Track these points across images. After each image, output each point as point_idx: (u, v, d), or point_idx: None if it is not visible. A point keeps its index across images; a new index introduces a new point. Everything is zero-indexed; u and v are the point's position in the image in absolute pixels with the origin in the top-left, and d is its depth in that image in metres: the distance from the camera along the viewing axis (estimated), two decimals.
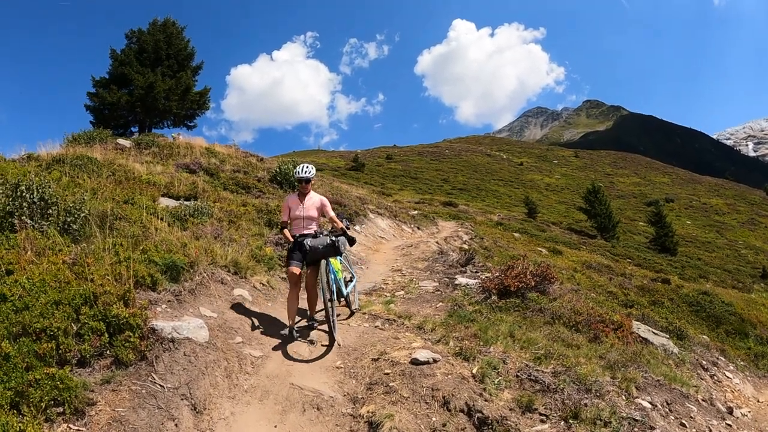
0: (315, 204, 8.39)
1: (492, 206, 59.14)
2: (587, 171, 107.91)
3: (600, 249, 37.70)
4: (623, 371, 7.25)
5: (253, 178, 18.67)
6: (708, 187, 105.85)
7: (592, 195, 53.76)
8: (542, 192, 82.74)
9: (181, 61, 37.40)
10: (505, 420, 5.59)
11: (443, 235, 23.88)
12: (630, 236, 56.60)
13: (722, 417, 8.09)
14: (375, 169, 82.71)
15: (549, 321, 9.13)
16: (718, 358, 12.12)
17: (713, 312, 18.87)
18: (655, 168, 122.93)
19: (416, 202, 41.85)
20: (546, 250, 26.58)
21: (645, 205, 77.20)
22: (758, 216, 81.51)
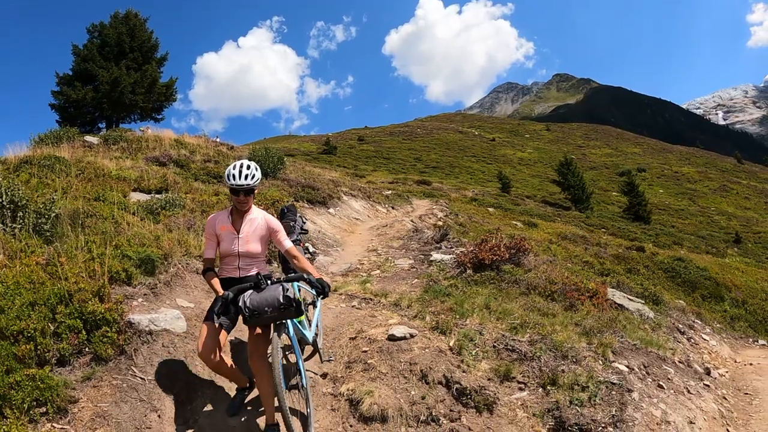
0: (259, 230, 5.38)
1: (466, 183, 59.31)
2: (559, 144, 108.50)
3: (575, 220, 38.03)
4: (599, 337, 7.33)
5: (224, 167, 18.48)
6: (679, 155, 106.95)
7: (564, 167, 54.14)
8: (515, 166, 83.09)
9: (145, 54, 36.93)
10: (484, 390, 5.64)
11: (418, 213, 23.94)
12: (604, 206, 57.13)
13: (700, 378, 8.21)
14: (347, 152, 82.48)
15: (524, 292, 9.20)
16: (694, 322, 12.28)
17: (688, 277, 19.11)
18: (626, 139, 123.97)
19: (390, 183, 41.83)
20: (521, 223, 26.74)
21: (618, 175, 77.83)
22: (729, 183, 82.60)
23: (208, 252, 5.35)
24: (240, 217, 5.34)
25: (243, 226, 5.30)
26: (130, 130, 26.12)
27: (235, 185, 5.12)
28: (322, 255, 12.57)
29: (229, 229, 5.29)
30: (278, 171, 19.39)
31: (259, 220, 5.37)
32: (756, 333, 15.33)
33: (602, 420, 5.48)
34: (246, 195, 5.21)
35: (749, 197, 75.56)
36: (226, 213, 5.38)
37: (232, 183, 5.12)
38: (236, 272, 5.38)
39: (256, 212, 5.42)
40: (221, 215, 5.39)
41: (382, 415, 5.31)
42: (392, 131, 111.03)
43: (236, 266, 5.37)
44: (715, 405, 7.41)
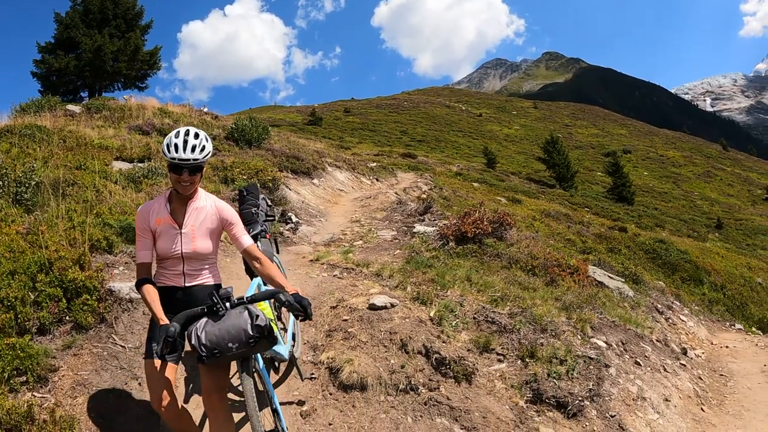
0: (209, 222, 4.06)
1: (451, 157, 59.23)
2: (546, 122, 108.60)
3: (558, 198, 38.14)
4: (579, 312, 7.38)
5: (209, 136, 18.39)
6: (665, 139, 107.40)
7: (550, 145, 54.24)
8: (501, 143, 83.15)
9: (129, 21, 36.34)
10: (463, 360, 5.66)
11: (402, 186, 23.91)
12: (588, 186, 57.39)
13: (676, 357, 8.30)
14: (333, 123, 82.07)
15: (506, 265, 9.24)
16: (673, 302, 12.40)
17: (669, 259, 19.28)
18: (613, 120, 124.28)
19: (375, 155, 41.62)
20: (505, 199, 26.79)
21: (603, 155, 78.06)
22: (714, 169, 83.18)
23: (141, 254, 3.93)
24: (182, 206, 3.96)
25: (187, 218, 3.94)
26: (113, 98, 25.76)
27: (178, 159, 3.71)
28: (305, 225, 12.54)
29: (168, 222, 3.90)
30: (263, 141, 19.24)
31: (209, 209, 4.00)
32: (733, 317, 15.52)
33: (579, 393, 5.53)
34: (192, 174, 3.81)
35: (733, 184, 76.18)
36: (163, 200, 3.99)
37: (174, 156, 3.72)
38: (180, 279, 4.01)
39: (203, 198, 4.03)
40: (156, 204, 3.99)
41: (362, 383, 5.32)
42: (379, 104, 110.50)
43: (180, 272, 3.99)
44: (691, 384, 7.49)
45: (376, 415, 5.06)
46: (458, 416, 5.09)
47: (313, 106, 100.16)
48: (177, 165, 3.75)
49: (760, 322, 16.30)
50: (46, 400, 4.53)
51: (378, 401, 5.22)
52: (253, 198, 5.86)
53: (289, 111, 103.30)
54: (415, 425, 5.00)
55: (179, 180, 3.81)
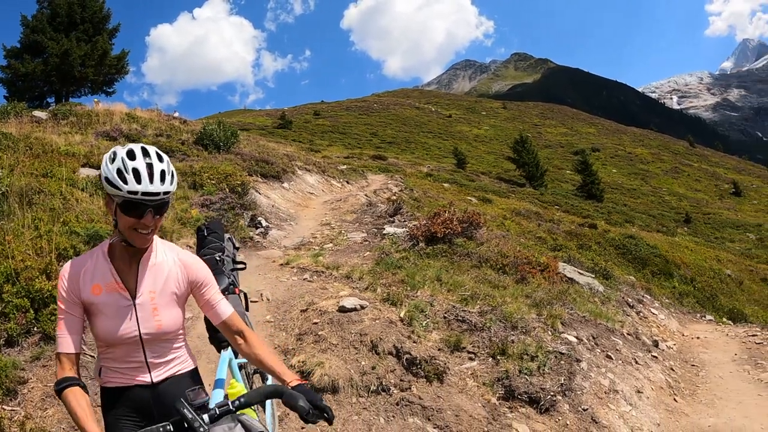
0: (173, 284, 2.64)
1: (421, 158, 59.22)
2: (515, 122, 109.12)
3: (529, 197, 38.35)
4: (549, 308, 7.41)
5: (177, 141, 18.19)
6: (633, 137, 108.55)
7: (520, 145, 54.50)
8: (471, 143, 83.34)
9: (96, 25, 35.93)
10: (434, 359, 5.65)
11: (373, 188, 23.88)
12: (558, 184, 57.78)
13: (648, 349, 8.39)
14: (303, 126, 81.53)
15: (476, 264, 9.26)
16: (643, 296, 12.52)
17: (639, 254, 19.47)
18: (581, 119, 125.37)
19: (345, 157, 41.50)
20: (476, 199, 26.86)
21: (572, 154, 78.64)
22: (681, 165, 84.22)
23: (65, 341, 2.46)
24: (131, 264, 2.57)
25: (142, 282, 2.55)
26: (80, 104, 25.44)
27: (141, 194, 2.32)
28: (275, 229, 12.46)
29: (115, 289, 2.51)
30: (232, 145, 19.11)
31: (171, 266, 2.63)
32: (703, 309, 15.72)
33: (551, 389, 5.55)
34: (157, 214, 2.43)
35: (700, 179, 77.21)
36: (100, 257, 2.57)
37: (134, 189, 2.32)
38: (143, 374, 2.61)
39: (161, 250, 2.65)
40: (90, 263, 2.56)
41: (333, 385, 5.29)
42: (349, 106, 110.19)
43: (141, 362, 2.59)
44: (663, 375, 7.56)
45: (348, 417, 5.03)
46: (431, 415, 5.08)
47: (283, 110, 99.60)
48: (137, 203, 2.32)
49: (731, 312, 16.53)
50: (16, 413, 4.45)
51: (350, 403, 5.19)
52: (216, 238, 4.14)
53: (258, 114, 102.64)
54: (388, 426, 4.97)
55: (138, 226, 2.38)
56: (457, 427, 4.98)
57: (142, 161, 2.38)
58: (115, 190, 2.33)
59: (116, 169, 2.34)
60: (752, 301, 20.56)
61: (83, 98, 36.00)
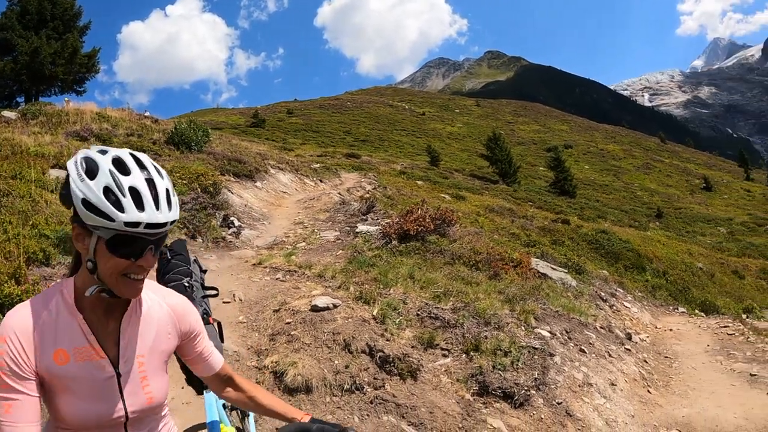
0: (164, 342, 1.89)
1: (395, 156, 59.18)
2: (488, 119, 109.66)
3: (502, 193, 38.53)
4: (522, 304, 7.44)
5: (148, 140, 18.00)
6: (605, 134, 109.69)
7: (493, 142, 54.73)
8: (444, 141, 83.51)
9: (67, 22, 35.35)
10: (407, 357, 5.63)
11: (346, 186, 23.87)
12: (531, 180, 58.16)
13: (621, 342, 8.46)
14: (276, 125, 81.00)
15: (449, 261, 9.27)
16: (616, 290, 12.63)
17: (611, 249, 19.63)
18: (554, 116, 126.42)
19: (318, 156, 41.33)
20: (449, 196, 26.90)
21: (545, 151, 79.23)
22: (652, 161, 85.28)
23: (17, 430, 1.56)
24: (109, 317, 1.79)
25: (129, 343, 1.82)
26: (51, 103, 25.03)
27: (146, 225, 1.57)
28: (248, 229, 12.36)
29: (91, 356, 1.73)
30: (204, 144, 18.94)
31: (160, 317, 1.91)
32: (676, 301, 15.91)
33: (525, 383, 5.56)
34: (157, 250, 1.70)
35: (671, 175, 78.25)
36: (64, 310, 1.72)
37: (135, 219, 1.55)
38: None
39: (146, 295, 1.90)
40: (49, 318, 1.70)
41: (307, 385, 5.24)
42: (322, 104, 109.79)
43: None
44: (636, 368, 7.63)
45: (322, 417, 4.96)
46: (405, 413, 5.05)
47: (256, 108, 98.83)
48: (134, 238, 1.60)
49: (703, 304, 16.74)
50: None
51: (324, 402, 5.15)
52: (181, 261, 3.23)
53: (231, 113, 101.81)
54: (363, 425, 4.94)
55: (132, 270, 1.65)
56: (431, 424, 4.96)
57: (140, 176, 1.62)
58: (102, 220, 1.54)
59: (102, 188, 1.56)
60: (724, 293, 20.85)
61: (53, 97, 35.45)
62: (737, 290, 22.36)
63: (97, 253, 1.61)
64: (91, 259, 1.63)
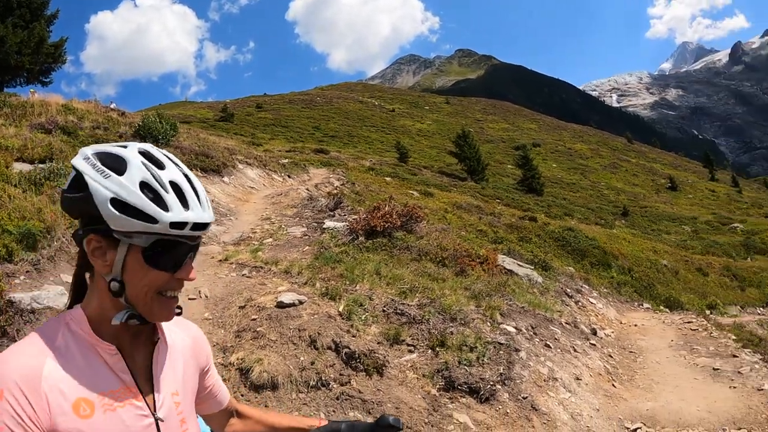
0: (191, 376, 1.57)
1: (364, 152, 59.04)
2: (458, 117, 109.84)
3: (470, 190, 38.73)
4: (488, 300, 7.49)
5: (115, 134, 17.79)
6: (573, 133, 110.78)
7: (462, 139, 54.86)
8: (414, 137, 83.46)
9: (34, 10, 34.55)
10: (374, 353, 5.62)
11: (314, 182, 23.81)
12: (499, 178, 58.42)
13: (586, 338, 8.57)
14: (245, 119, 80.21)
15: (416, 258, 9.30)
16: (582, 286, 12.77)
17: (578, 246, 19.85)
18: (523, 115, 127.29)
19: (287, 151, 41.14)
20: (417, 192, 26.96)
21: (513, 149, 79.67)
22: (619, 160, 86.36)
23: None
24: (134, 350, 1.41)
25: (160, 378, 1.42)
26: (15, 94, 24.59)
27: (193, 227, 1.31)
28: (214, 224, 12.25)
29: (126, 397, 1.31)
30: (171, 138, 18.77)
31: (183, 346, 1.57)
32: (641, 297, 16.15)
33: (490, 378, 5.58)
34: (196, 252, 1.40)
35: (637, 174, 79.29)
36: (80, 348, 1.29)
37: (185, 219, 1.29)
38: None
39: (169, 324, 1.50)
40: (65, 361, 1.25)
41: (273, 382, 5.21)
42: (292, 99, 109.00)
43: None
44: (601, 362, 7.72)
45: (288, 413, 4.96)
46: (371, 409, 5.05)
47: (225, 102, 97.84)
48: (177, 243, 1.32)
49: (667, 300, 17.03)
50: None
51: (290, 399, 5.13)
52: None
53: (200, 107, 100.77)
54: None
55: (171, 286, 1.36)
56: None
57: (176, 170, 1.38)
58: (142, 222, 1.24)
59: (139, 183, 1.27)
60: (688, 289, 21.20)
61: (18, 88, 34.72)
62: (701, 287, 22.76)
63: (128, 269, 1.27)
64: (117, 279, 1.27)
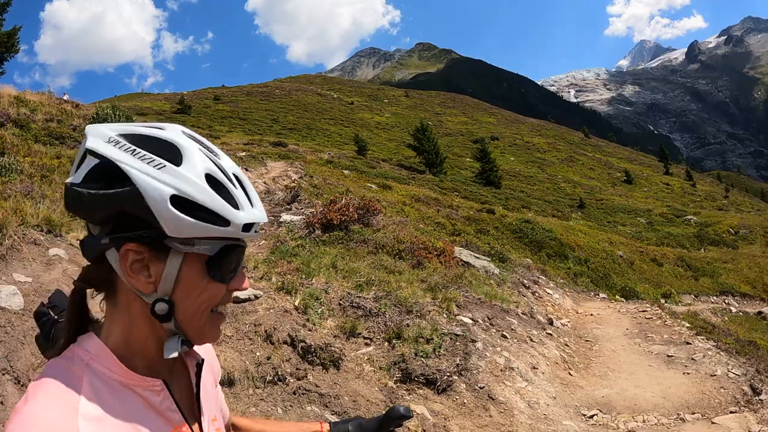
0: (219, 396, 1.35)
1: (322, 145, 58.66)
2: (417, 110, 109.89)
3: (428, 183, 38.75)
4: (444, 292, 7.52)
5: (68, 127, 17.39)
6: (531, 127, 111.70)
7: (420, 133, 54.81)
8: (373, 130, 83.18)
9: None
10: (330, 347, 5.61)
11: (272, 175, 23.59)
12: (457, 171, 58.55)
13: (543, 327, 8.68)
14: (202, 111, 78.88)
15: (372, 251, 9.29)
16: (539, 277, 12.91)
17: (535, 238, 20.07)
18: (482, 109, 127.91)
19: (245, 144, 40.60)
20: (376, 185, 26.88)
21: (472, 142, 79.89)
22: (576, 154, 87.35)
23: None
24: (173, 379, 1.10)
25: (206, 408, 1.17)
26: None
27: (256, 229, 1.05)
28: None
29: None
30: None
31: (209, 362, 1.30)
32: (597, 287, 16.40)
33: (447, 369, 5.62)
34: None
35: (594, 168, 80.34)
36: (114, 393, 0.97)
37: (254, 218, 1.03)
38: None
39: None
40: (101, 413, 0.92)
41: (229, 378, 5.16)
42: (250, 91, 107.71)
43: None
44: (558, 351, 7.82)
45: (246, 410, 4.90)
46: (328, 402, 5.05)
47: (182, 94, 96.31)
48: (237, 248, 1.06)
49: (623, 290, 17.34)
50: None
51: (247, 395, 5.09)
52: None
53: (156, 99, 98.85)
54: (286, 415, 4.91)
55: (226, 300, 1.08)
56: (355, 413, 4.97)
57: (230, 161, 1.10)
58: (210, 226, 0.98)
59: (205, 174, 1.00)
60: (643, 279, 21.61)
61: None
62: (656, 277, 23.22)
63: (182, 284, 1.00)
64: (166, 299, 0.99)
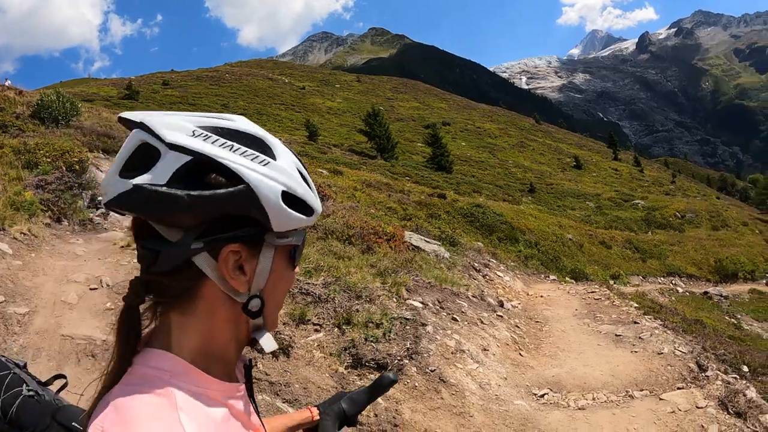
0: None
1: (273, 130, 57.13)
2: (369, 95, 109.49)
3: (380, 168, 38.70)
4: (394, 276, 7.55)
5: (11, 114, 16.84)
6: (482, 113, 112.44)
7: (372, 118, 54.65)
8: (324, 115, 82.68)
9: None
10: (279, 334, 5.58)
11: None
12: (409, 156, 58.63)
13: (493, 309, 8.77)
14: (151, 97, 77.23)
15: (321, 236, 9.27)
16: (489, 261, 13.02)
17: (486, 222, 20.24)
18: (433, 94, 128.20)
19: None
20: (327, 171, 26.76)
21: (423, 127, 79.97)
22: (527, 140, 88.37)
23: None
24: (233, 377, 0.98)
25: None
26: None
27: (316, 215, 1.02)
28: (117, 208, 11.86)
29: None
30: (71, 118, 17.91)
31: None
32: (547, 270, 16.65)
33: (398, 354, 5.64)
34: None
35: (544, 153, 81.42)
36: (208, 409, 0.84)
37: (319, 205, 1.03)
38: None
39: None
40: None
41: None
42: (200, 76, 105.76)
43: None
44: (508, 333, 7.91)
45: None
46: (279, 390, 5.02)
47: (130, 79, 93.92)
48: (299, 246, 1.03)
49: (573, 272, 17.65)
50: None
51: None
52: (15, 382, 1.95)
53: (103, 84, 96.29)
54: None
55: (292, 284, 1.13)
56: (306, 399, 4.95)
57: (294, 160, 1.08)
58: (304, 217, 0.98)
59: (294, 166, 1.03)
60: (592, 261, 22.03)
61: None
62: (605, 259, 23.70)
63: (273, 277, 0.97)
64: (258, 294, 0.95)
